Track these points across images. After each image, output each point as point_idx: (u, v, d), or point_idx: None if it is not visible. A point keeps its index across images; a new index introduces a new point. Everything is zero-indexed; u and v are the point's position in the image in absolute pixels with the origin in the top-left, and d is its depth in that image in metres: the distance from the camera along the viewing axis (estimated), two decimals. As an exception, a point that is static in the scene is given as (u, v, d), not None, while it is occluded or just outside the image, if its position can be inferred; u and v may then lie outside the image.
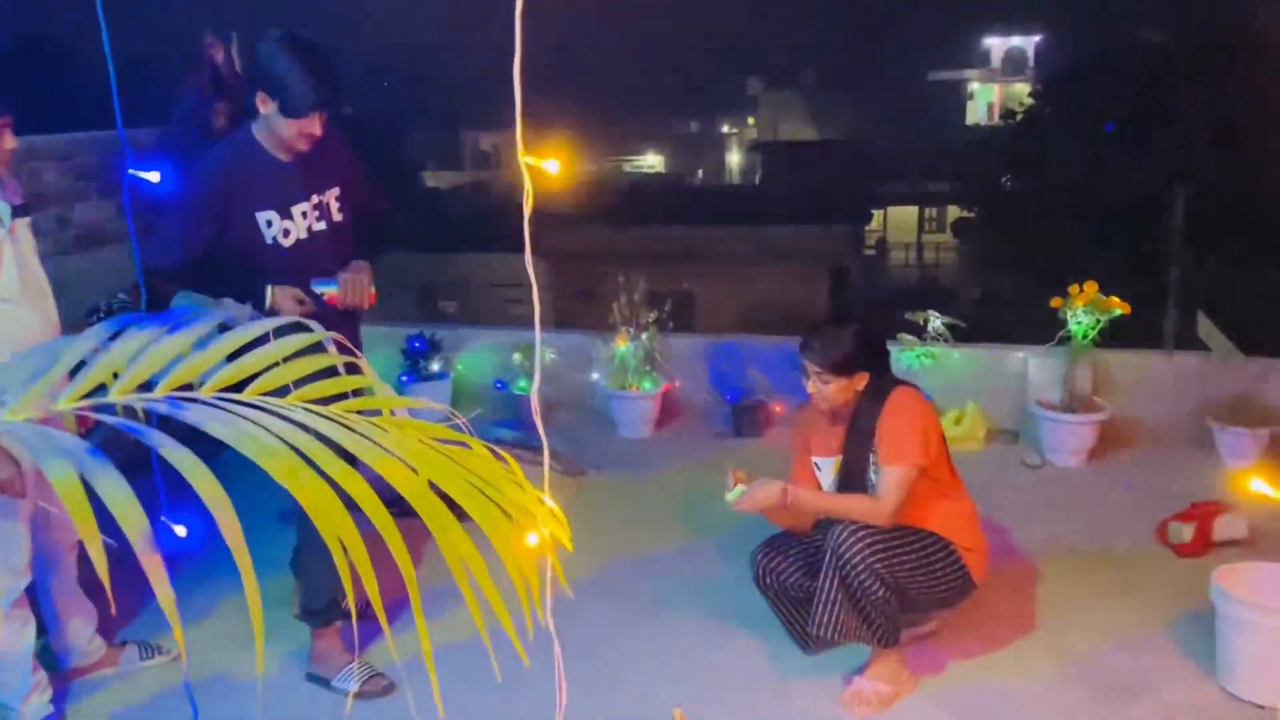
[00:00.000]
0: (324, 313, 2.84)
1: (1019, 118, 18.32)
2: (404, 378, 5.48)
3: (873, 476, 2.96)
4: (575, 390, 5.52)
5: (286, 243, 2.91)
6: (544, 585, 1.17)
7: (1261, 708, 2.84)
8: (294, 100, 2.77)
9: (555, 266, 20.13)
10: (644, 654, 3.22)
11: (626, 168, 37.66)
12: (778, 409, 5.15)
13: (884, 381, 2.98)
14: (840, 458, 3.03)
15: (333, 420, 0.90)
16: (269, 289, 2.86)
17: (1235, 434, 4.49)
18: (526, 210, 1.10)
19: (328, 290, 2.91)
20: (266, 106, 2.80)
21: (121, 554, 0.85)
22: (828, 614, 2.85)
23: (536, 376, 1.29)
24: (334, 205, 3.02)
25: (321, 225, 2.98)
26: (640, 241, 19.17)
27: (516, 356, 5.38)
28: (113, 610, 2.90)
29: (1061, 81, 17.08)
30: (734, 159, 37.42)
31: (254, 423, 0.83)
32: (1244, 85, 12.39)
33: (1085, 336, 4.52)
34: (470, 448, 1.05)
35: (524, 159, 1.10)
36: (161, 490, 1.91)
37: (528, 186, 1.09)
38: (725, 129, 38.82)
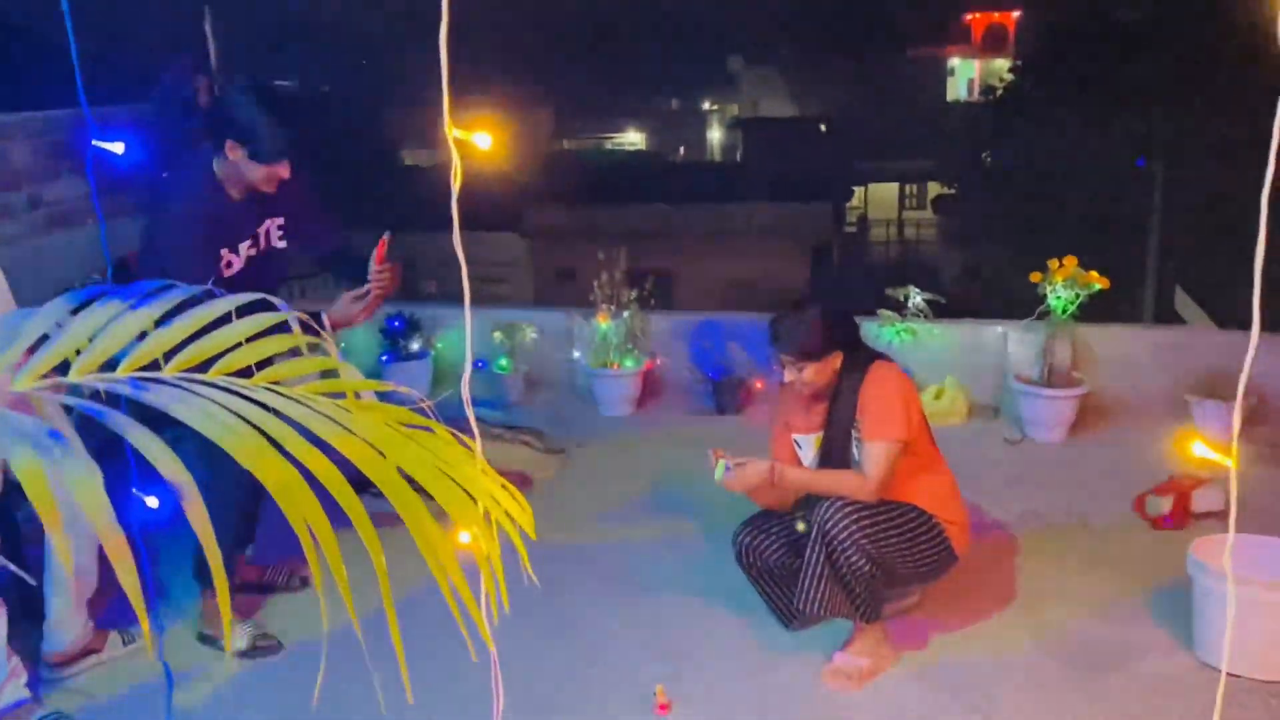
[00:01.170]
0: None
1: (999, 94, 18.36)
2: (384, 357, 5.46)
3: (855, 452, 2.96)
4: (557, 369, 5.51)
5: (229, 272, 3.03)
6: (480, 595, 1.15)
7: (1236, 677, 2.87)
8: (264, 148, 2.89)
9: (535, 245, 20.08)
10: (625, 631, 3.23)
11: (607, 145, 37.49)
12: (759, 386, 5.15)
13: (860, 357, 2.99)
14: (821, 435, 3.04)
15: (296, 401, 0.89)
16: (324, 315, 3.03)
17: (1212, 407, 4.52)
18: (454, 186, 1.08)
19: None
20: (235, 153, 2.90)
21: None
22: (814, 590, 2.86)
23: (468, 358, 1.27)
24: (275, 233, 3.17)
25: (253, 252, 3.11)
26: (621, 219, 19.12)
27: (496, 335, 5.36)
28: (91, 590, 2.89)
29: (1041, 57, 17.09)
30: (715, 136, 37.29)
31: (217, 404, 0.81)
32: (1221, 60, 12.42)
33: (1064, 311, 4.53)
34: (433, 431, 1.04)
35: (451, 133, 1.08)
36: (133, 463, 1.89)
37: (455, 162, 1.08)
38: (706, 106, 38.66)
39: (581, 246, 5.57)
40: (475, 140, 1.13)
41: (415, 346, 5.49)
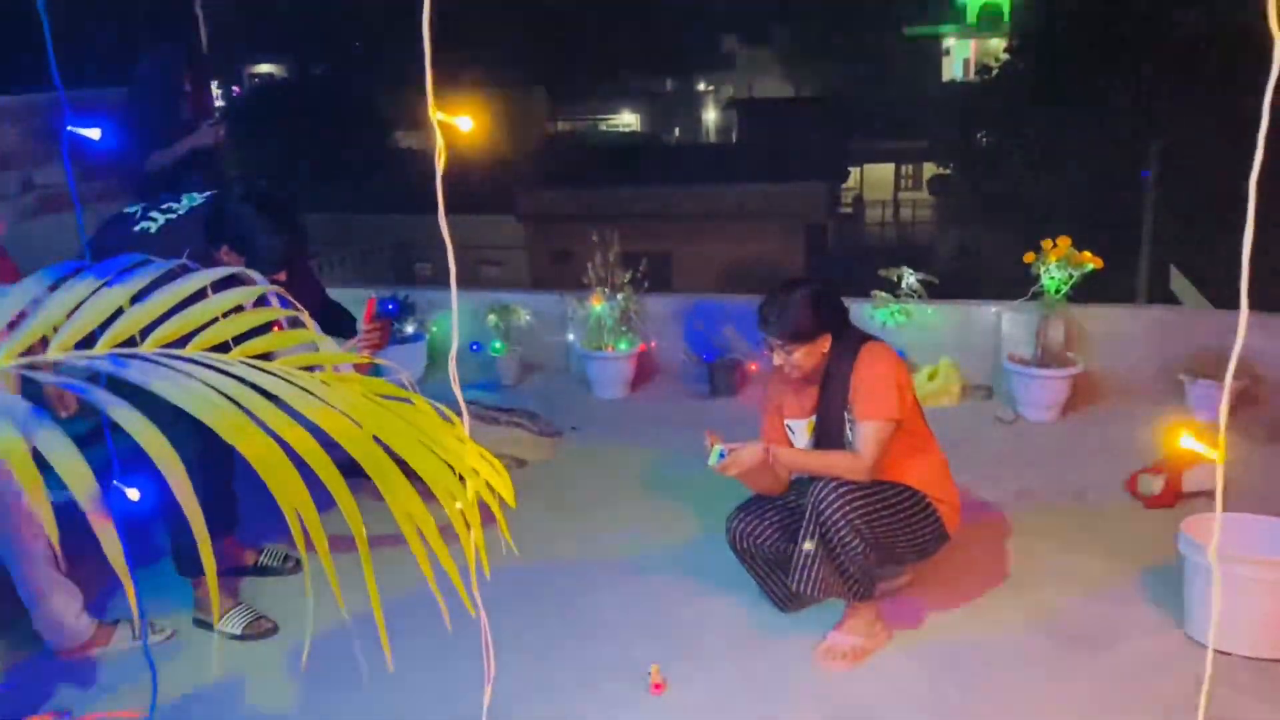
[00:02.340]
0: None
1: (994, 74, 18.30)
2: (378, 340, 5.45)
3: (849, 434, 2.96)
4: (551, 351, 5.51)
5: None
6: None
7: (1228, 655, 2.89)
8: (261, 260, 2.87)
9: (532, 227, 20.04)
10: (620, 612, 3.24)
11: (602, 127, 37.36)
12: (753, 368, 5.16)
13: (850, 339, 2.98)
14: (814, 418, 3.04)
15: (275, 375, 0.89)
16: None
17: (1205, 387, 4.54)
18: (438, 169, 1.08)
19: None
20: (231, 258, 2.89)
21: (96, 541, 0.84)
22: (808, 571, 2.87)
23: (454, 337, 1.27)
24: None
25: None
26: (616, 201, 19.07)
27: (491, 318, 5.36)
28: (61, 565, 2.88)
29: (1036, 36, 17.02)
30: (710, 117, 37.17)
31: (198, 379, 0.81)
32: (1219, 39, 12.38)
33: (1058, 292, 4.54)
34: (413, 403, 1.04)
35: (435, 115, 1.08)
36: (113, 452, 1.89)
37: (439, 144, 1.07)
38: (701, 86, 38.52)
39: (578, 228, 5.56)
40: (458, 123, 1.12)
41: (410, 329, 5.48)
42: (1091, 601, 3.22)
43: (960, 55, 33.47)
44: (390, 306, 5.43)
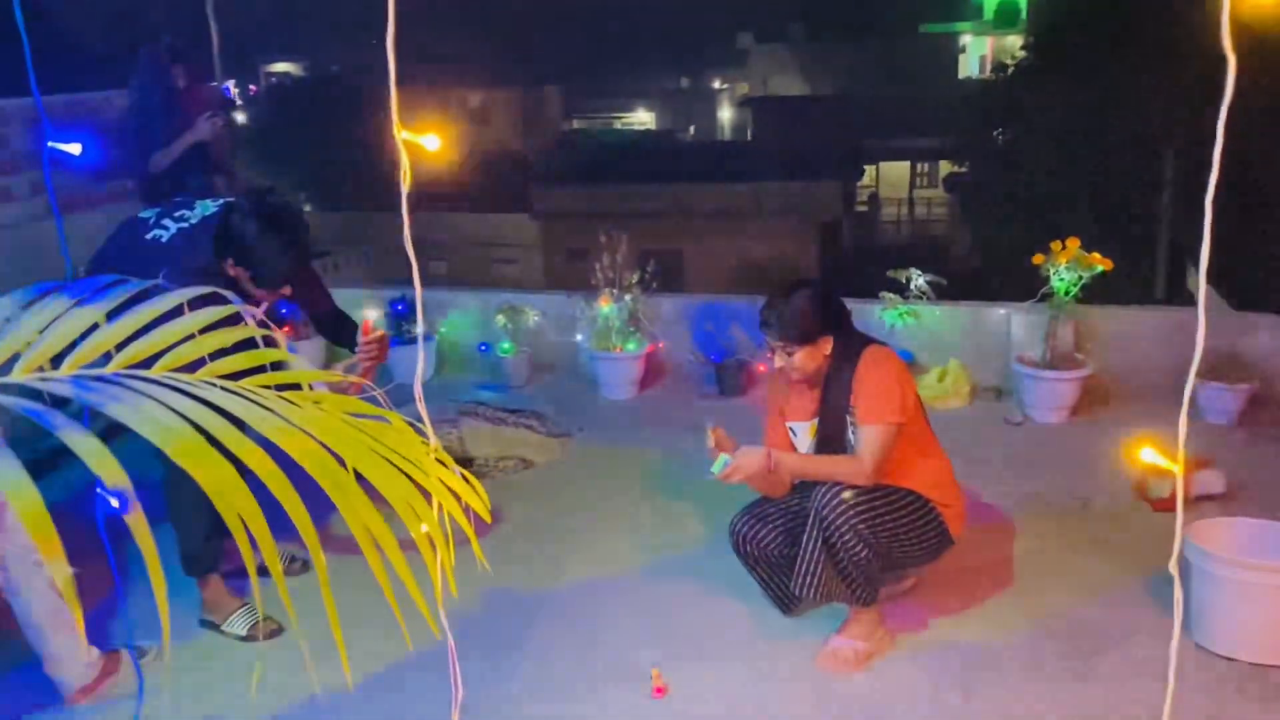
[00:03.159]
0: None
1: (1010, 70, 18.19)
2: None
3: (851, 437, 2.95)
4: (560, 352, 5.52)
5: None
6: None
7: (1232, 661, 2.88)
8: (266, 275, 2.90)
9: (546, 226, 20.06)
10: (623, 615, 3.24)
11: (617, 124, 37.36)
12: (761, 368, 5.15)
13: (852, 341, 2.97)
14: (816, 421, 3.03)
15: (239, 395, 0.89)
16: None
17: (1216, 390, 4.51)
18: (404, 187, 1.08)
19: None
20: (237, 271, 2.90)
21: (83, 554, 0.85)
22: (810, 575, 2.86)
23: (420, 343, 1.27)
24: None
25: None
26: (631, 199, 19.07)
27: (499, 319, 5.37)
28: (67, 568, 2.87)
29: (1053, 33, 16.91)
30: (725, 115, 37.12)
31: (158, 401, 0.81)
32: (1235, 36, 12.26)
33: (1067, 293, 4.51)
34: (390, 422, 1.04)
35: (399, 134, 1.08)
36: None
37: (405, 163, 1.07)
38: (716, 84, 38.48)
39: (593, 227, 5.55)
40: (423, 142, 1.12)
41: (418, 330, 5.50)
42: (1097, 605, 3.20)
43: (976, 52, 33.31)
44: (399, 307, 5.45)
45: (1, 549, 2.69)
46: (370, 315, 3.30)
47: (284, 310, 5.55)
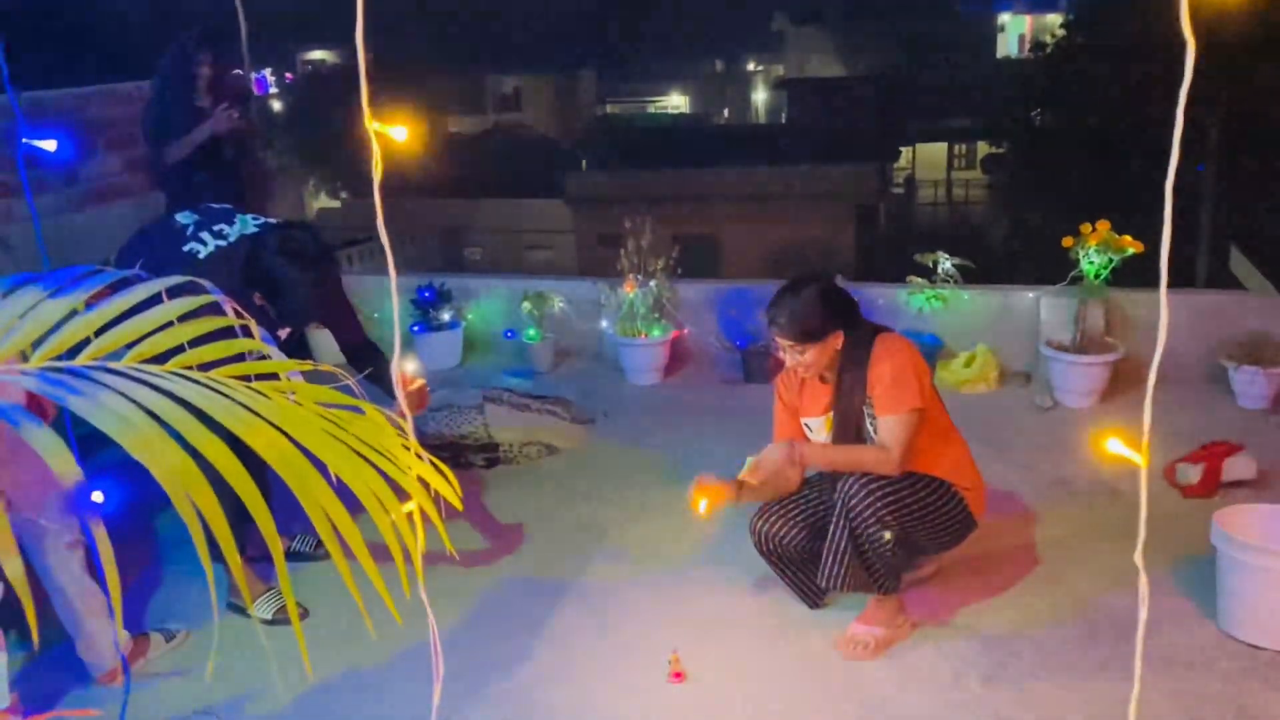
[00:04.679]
0: None
1: (1049, 50, 17.91)
2: (415, 328, 5.51)
3: (869, 428, 2.92)
4: (586, 338, 5.52)
5: None
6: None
7: (1259, 649, 2.83)
8: (290, 313, 2.91)
9: (579, 211, 20.07)
10: (643, 598, 3.25)
11: (650, 109, 37.23)
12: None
13: (862, 331, 2.93)
14: (831, 415, 2.99)
15: (206, 387, 0.90)
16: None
17: (1249, 373, 4.43)
18: (376, 178, 1.08)
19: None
20: (262, 301, 2.88)
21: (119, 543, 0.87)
22: (837, 565, 2.85)
23: (396, 332, 1.27)
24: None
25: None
26: (664, 183, 19.02)
27: (525, 305, 5.38)
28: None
29: (1093, 11, 16.62)
30: (760, 98, 36.87)
31: (122, 394, 0.82)
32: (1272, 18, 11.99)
33: (1097, 276, 4.45)
34: (363, 411, 1.04)
35: (371, 125, 1.08)
36: (77, 455, 1.93)
37: (376, 155, 1.07)
38: (751, 67, 38.20)
39: (626, 212, 5.52)
40: (393, 133, 1.13)
41: (446, 317, 5.53)
42: (1123, 593, 3.17)
43: (1015, 31, 32.82)
44: (427, 295, 5.48)
45: (36, 533, 2.74)
46: (409, 367, 3.24)
47: None
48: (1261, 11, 11.55)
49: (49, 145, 2.42)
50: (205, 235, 2.99)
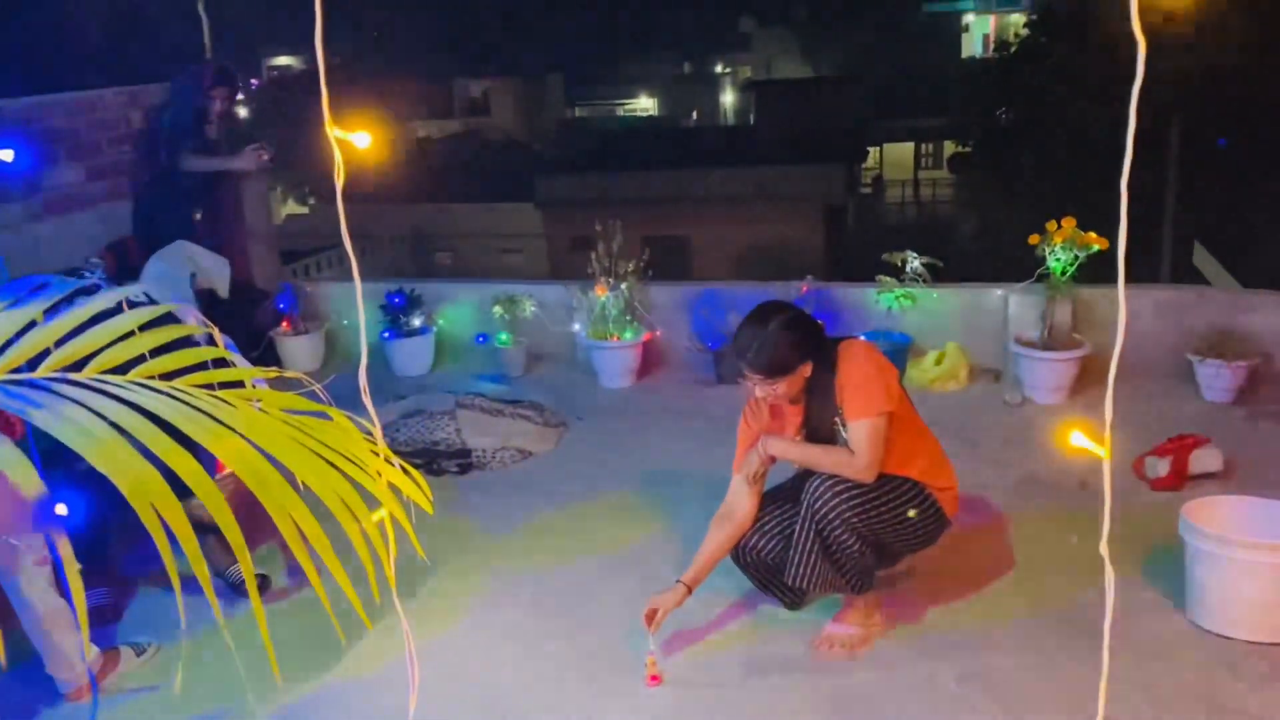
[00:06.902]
0: None
1: (1013, 49, 18.11)
2: (385, 334, 5.48)
3: (843, 437, 2.90)
4: (558, 341, 5.51)
5: None
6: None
7: (1228, 639, 2.87)
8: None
9: (549, 214, 20.03)
10: (619, 602, 3.25)
11: (619, 112, 37.23)
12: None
13: (826, 349, 2.89)
14: (803, 435, 2.97)
15: (171, 397, 0.89)
16: None
17: (1214, 367, 4.48)
18: (338, 184, 1.08)
19: None
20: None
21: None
22: (805, 567, 2.85)
23: (364, 348, 1.27)
24: None
25: None
26: (633, 186, 19.03)
27: (497, 310, 5.36)
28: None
29: (1055, 10, 16.82)
30: (728, 99, 36.97)
31: (82, 405, 0.81)
32: (1241, 12, 12.19)
33: (1063, 273, 4.49)
34: (331, 418, 1.03)
35: (332, 131, 1.08)
36: (39, 468, 1.90)
37: (338, 160, 1.07)
38: (718, 69, 38.30)
39: (596, 215, 5.51)
40: (354, 140, 1.12)
41: (417, 322, 5.50)
42: (1094, 586, 3.19)
43: (980, 31, 33.12)
44: (397, 300, 5.45)
45: (4, 550, 2.70)
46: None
47: (282, 306, 5.56)
48: (1222, 12, 11.73)
49: (5, 155, 2.38)
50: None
